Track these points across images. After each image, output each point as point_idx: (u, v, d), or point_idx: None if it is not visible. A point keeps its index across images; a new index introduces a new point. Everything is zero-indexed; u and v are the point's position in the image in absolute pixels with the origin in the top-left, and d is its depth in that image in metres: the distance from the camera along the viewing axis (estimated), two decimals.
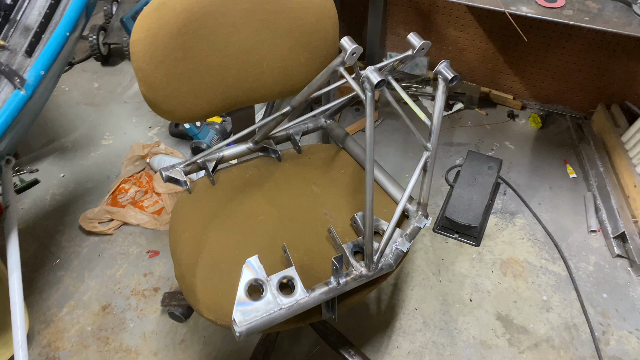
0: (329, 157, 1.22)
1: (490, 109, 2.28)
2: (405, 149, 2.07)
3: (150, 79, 0.96)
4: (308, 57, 1.09)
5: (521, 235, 1.74)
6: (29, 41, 1.16)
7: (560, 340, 1.46)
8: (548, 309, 1.54)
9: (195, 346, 1.45)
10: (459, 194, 1.73)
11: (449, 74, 0.93)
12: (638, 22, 1.24)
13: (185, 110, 1.03)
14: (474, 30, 2.14)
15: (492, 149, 2.08)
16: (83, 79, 2.52)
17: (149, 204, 1.83)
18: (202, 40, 0.98)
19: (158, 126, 2.22)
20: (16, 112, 0.89)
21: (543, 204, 1.85)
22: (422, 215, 1.03)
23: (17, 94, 0.90)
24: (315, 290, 0.88)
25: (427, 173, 0.99)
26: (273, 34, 1.04)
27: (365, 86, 0.83)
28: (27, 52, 1.14)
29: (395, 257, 0.97)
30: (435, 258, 1.67)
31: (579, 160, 2.01)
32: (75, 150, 2.10)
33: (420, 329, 1.48)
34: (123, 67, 2.61)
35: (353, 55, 0.85)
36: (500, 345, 1.45)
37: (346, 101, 1.18)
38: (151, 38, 0.92)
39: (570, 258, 1.67)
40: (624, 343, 1.46)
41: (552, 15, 1.25)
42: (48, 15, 1.20)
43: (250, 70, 1.06)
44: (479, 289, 1.59)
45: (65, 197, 1.89)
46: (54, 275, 1.62)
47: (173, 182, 1.11)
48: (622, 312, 1.53)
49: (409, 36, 0.96)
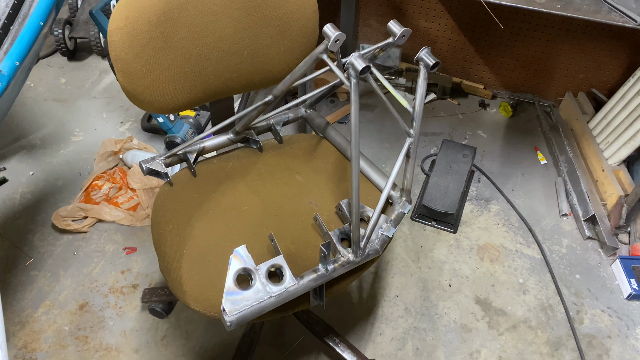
0: (311, 147, 1.22)
1: (462, 98, 2.32)
2: (381, 139, 2.09)
3: (130, 69, 0.94)
4: (288, 45, 1.09)
5: (496, 221, 1.78)
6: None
7: (537, 321, 1.50)
8: (524, 291, 1.58)
9: (177, 341, 1.43)
10: (435, 182, 1.75)
11: (430, 60, 0.94)
12: (607, 9, 1.28)
13: (165, 101, 1.02)
14: (444, 22, 2.17)
15: (465, 137, 2.12)
16: (49, 75, 2.44)
17: (123, 200, 1.80)
18: (181, 28, 0.96)
19: (130, 121, 2.17)
20: None
21: (516, 190, 1.90)
22: (406, 200, 1.05)
23: None
24: (304, 278, 0.88)
25: (409, 159, 1.01)
26: (253, 23, 1.03)
27: (350, 73, 0.84)
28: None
29: (381, 242, 0.98)
30: (414, 245, 1.70)
31: (549, 147, 2.07)
32: (44, 147, 2.04)
33: (402, 315, 1.50)
34: (90, 61, 2.54)
35: (336, 42, 0.85)
36: (480, 328, 1.48)
37: (327, 90, 1.19)
38: (130, 27, 0.90)
39: (544, 241, 1.72)
40: (597, 321, 1.51)
41: (525, 3, 1.28)
42: (16, 7, 1.16)
43: (230, 60, 1.05)
44: (457, 274, 1.62)
45: (35, 195, 1.83)
46: (27, 275, 1.57)
47: (154, 174, 1.09)
48: (594, 291, 1.59)
49: (389, 24, 0.97)
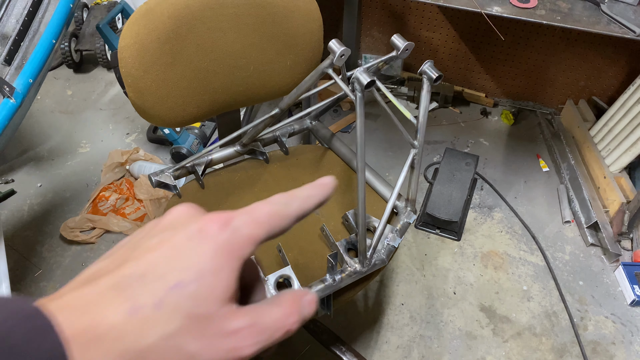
0: (316, 158, 1.24)
1: (464, 107, 2.34)
2: (384, 148, 2.11)
3: (140, 85, 0.96)
4: (294, 59, 1.11)
5: (500, 229, 1.80)
6: (7, 49, 1.14)
7: (542, 328, 1.51)
8: (529, 298, 1.59)
9: None
10: (438, 190, 1.77)
11: (433, 73, 0.96)
12: (606, 21, 1.30)
13: (174, 115, 1.04)
14: (446, 31, 2.19)
15: (468, 146, 2.14)
16: (55, 87, 2.47)
17: (130, 211, 1.82)
18: (190, 45, 0.98)
19: (136, 132, 2.20)
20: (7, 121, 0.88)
21: (519, 197, 1.91)
22: (411, 210, 1.06)
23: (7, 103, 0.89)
24: (311, 288, 0.90)
25: (414, 170, 1.03)
26: (260, 38, 1.06)
27: (355, 87, 0.86)
28: (6, 60, 1.12)
29: (387, 252, 0.99)
30: (419, 254, 1.71)
31: (550, 154, 2.09)
32: (51, 159, 2.07)
33: (407, 323, 1.52)
34: (96, 74, 2.57)
35: (342, 57, 0.87)
36: (485, 335, 1.49)
37: (331, 102, 1.21)
38: (140, 44, 0.92)
39: (547, 249, 1.73)
40: (601, 327, 1.52)
41: (526, 15, 1.31)
42: (26, 23, 1.19)
43: (237, 74, 1.08)
44: (462, 282, 1.63)
45: (43, 207, 1.86)
46: (36, 286, 1.59)
47: (163, 187, 1.11)
48: (597, 298, 1.60)
49: (393, 38, 0.99)
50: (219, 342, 0.27)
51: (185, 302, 0.27)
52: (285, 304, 0.30)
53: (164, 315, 0.26)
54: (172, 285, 0.27)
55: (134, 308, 0.26)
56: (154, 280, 0.27)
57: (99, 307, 0.26)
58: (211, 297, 0.27)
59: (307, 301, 0.31)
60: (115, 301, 0.26)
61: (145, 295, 0.26)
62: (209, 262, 0.28)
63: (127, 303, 0.26)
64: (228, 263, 0.28)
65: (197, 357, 0.27)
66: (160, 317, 0.26)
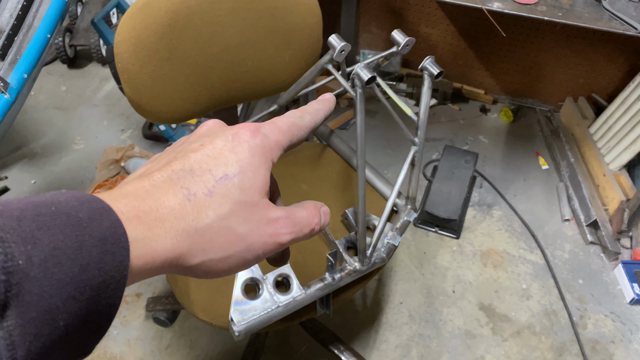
0: (315, 155, 1.23)
1: (463, 104, 2.32)
2: (383, 145, 2.09)
3: (136, 80, 0.94)
4: (293, 55, 1.09)
5: (499, 227, 1.79)
6: (1, 44, 1.12)
7: (541, 327, 1.51)
8: (528, 297, 1.58)
9: (182, 350, 1.43)
10: (437, 188, 1.76)
11: (434, 69, 0.94)
12: (608, 17, 1.29)
13: (171, 111, 1.02)
14: (445, 27, 2.18)
15: (467, 143, 2.13)
16: (49, 83, 2.45)
17: None
18: (187, 40, 0.96)
19: (131, 129, 2.17)
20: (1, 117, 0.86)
21: (518, 195, 1.90)
22: (411, 209, 1.05)
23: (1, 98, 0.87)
24: (310, 287, 0.88)
25: (415, 167, 1.01)
26: (258, 33, 1.04)
27: (355, 83, 0.84)
28: (0, 55, 1.10)
29: (387, 250, 0.98)
30: (417, 252, 1.70)
31: (550, 151, 2.08)
32: (45, 156, 2.04)
33: (406, 322, 1.51)
34: (91, 69, 2.54)
35: (342, 53, 0.86)
36: (484, 334, 1.48)
37: None
38: (136, 38, 0.90)
39: (547, 247, 1.72)
40: (600, 326, 1.52)
41: (528, 11, 1.29)
42: (20, 17, 1.16)
43: (235, 70, 1.06)
44: (461, 280, 1.62)
45: None
46: None
47: None
48: (597, 296, 1.59)
49: (393, 33, 0.97)
50: (263, 227, 0.32)
51: (233, 191, 0.31)
52: (309, 208, 0.35)
53: (216, 201, 0.30)
54: (220, 177, 0.31)
55: (189, 194, 0.30)
56: (203, 173, 0.31)
57: (156, 195, 0.29)
58: (253, 188, 0.32)
59: (324, 211, 0.36)
60: (170, 190, 0.30)
61: (197, 185, 0.30)
62: (248, 159, 0.32)
63: (182, 191, 0.30)
64: (263, 162, 0.32)
65: (245, 238, 0.31)
66: (212, 202, 0.30)
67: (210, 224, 0.30)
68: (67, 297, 0.24)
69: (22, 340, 0.22)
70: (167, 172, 0.31)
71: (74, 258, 0.24)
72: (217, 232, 0.30)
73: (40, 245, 0.23)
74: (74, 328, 0.24)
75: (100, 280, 0.25)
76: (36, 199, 0.25)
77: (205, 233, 0.30)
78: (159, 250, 0.28)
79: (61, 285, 0.23)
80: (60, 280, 0.23)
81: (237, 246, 0.31)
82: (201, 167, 0.31)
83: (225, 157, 0.31)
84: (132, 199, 0.29)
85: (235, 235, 0.31)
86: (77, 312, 0.24)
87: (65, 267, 0.24)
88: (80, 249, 0.24)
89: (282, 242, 0.33)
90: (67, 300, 0.24)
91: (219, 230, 0.30)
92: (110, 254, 0.25)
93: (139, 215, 0.28)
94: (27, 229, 0.23)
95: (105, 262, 0.25)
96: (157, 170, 0.31)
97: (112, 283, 0.26)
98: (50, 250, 0.23)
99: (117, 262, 0.26)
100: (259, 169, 0.32)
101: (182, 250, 0.29)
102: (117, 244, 0.26)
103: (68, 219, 0.25)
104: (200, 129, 0.35)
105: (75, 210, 0.25)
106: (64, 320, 0.24)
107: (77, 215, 0.25)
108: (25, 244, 0.23)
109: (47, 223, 0.24)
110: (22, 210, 0.24)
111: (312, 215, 0.35)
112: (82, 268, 0.24)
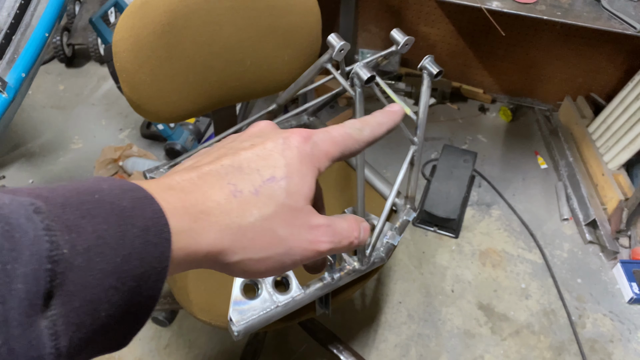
0: None
1: (462, 103, 2.32)
2: (382, 145, 2.09)
3: (134, 80, 0.94)
4: (292, 54, 1.09)
5: (498, 226, 1.79)
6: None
7: (540, 326, 1.51)
8: (527, 296, 1.58)
9: (180, 350, 1.43)
10: (436, 187, 1.76)
11: (434, 69, 0.94)
12: (607, 17, 1.29)
13: (169, 110, 1.01)
14: (444, 26, 2.18)
15: (466, 142, 2.13)
16: (47, 82, 2.44)
17: None
18: (186, 38, 0.96)
19: (129, 128, 2.17)
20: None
21: (517, 194, 1.90)
22: (411, 208, 1.05)
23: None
24: (310, 287, 0.88)
25: (414, 167, 1.01)
26: (257, 32, 1.03)
27: (354, 82, 0.84)
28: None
29: (387, 250, 0.98)
30: (416, 251, 1.70)
31: (549, 151, 2.08)
32: (43, 155, 2.04)
33: (405, 321, 1.51)
34: (89, 68, 2.54)
35: (341, 52, 0.85)
36: (483, 333, 1.48)
37: (329, 98, 1.19)
38: (135, 37, 0.90)
39: (546, 246, 1.72)
40: (599, 325, 1.52)
41: (526, 10, 1.29)
42: (18, 16, 1.16)
43: (234, 69, 1.05)
44: (460, 279, 1.62)
45: None
46: None
47: None
48: (596, 295, 1.59)
49: (392, 32, 0.97)
50: (304, 233, 0.32)
51: (279, 193, 0.31)
52: (350, 220, 0.35)
53: (261, 201, 0.30)
54: (267, 179, 0.31)
55: (235, 191, 0.30)
56: (251, 172, 0.31)
57: (203, 188, 0.29)
58: (299, 193, 0.32)
59: (364, 227, 0.36)
60: (217, 184, 0.30)
61: (245, 182, 0.30)
62: (296, 165, 0.32)
63: (229, 187, 0.30)
64: (310, 170, 0.32)
65: (285, 241, 0.31)
66: (258, 201, 0.30)
67: (253, 222, 0.30)
68: (109, 287, 0.23)
69: (65, 330, 0.22)
70: (216, 166, 0.31)
71: (116, 248, 0.24)
72: (260, 232, 0.30)
73: (85, 234, 0.23)
74: (115, 319, 0.24)
75: (142, 271, 0.25)
76: (80, 184, 0.25)
77: (248, 231, 0.30)
78: (201, 244, 0.28)
79: (104, 275, 0.23)
80: (103, 270, 0.23)
81: (277, 248, 0.31)
82: (250, 166, 0.31)
83: (274, 159, 0.32)
84: (178, 190, 0.29)
85: (276, 237, 0.31)
86: (118, 303, 0.24)
87: (109, 256, 0.24)
88: (124, 238, 0.24)
89: (321, 250, 0.33)
90: (109, 291, 0.23)
91: (261, 230, 0.30)
92: (153, 244, 0.25)
93: (186, 205, 0.28)
94: (72, 216, 0.23)
95: (147, 253, 0.25)
96: (207, 163, 0.31)
97: (153, 274, 0.25)
98: (94, 239, 0.23)
99: (159, 253, 0.26)
100: (306, 176, 0.32)
101: (223, 245, 0.29)
102: (160, 235, 0.26)
103: (111, 207, 0.25)
104: (252, 128, 0.36)
105: (118, 199, 0.25)
106: (106, 310, 0.24)
107: (121, 203, 0.25)
108: (69, 232, 0.23)
109: (91, 211, 0.24)
110: (66, 197, 0.24)
111: (352, 229, 0.35)
112: (124, 258, 0.24)
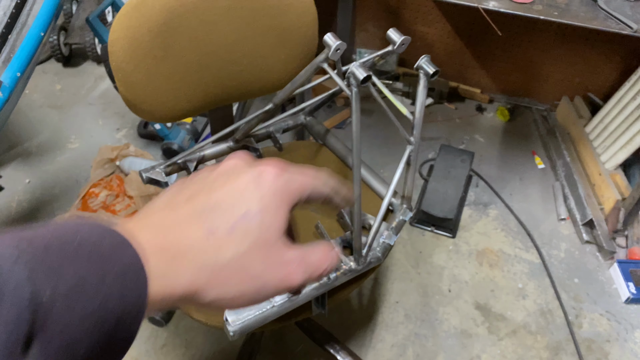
0: (311, 154, 1.22)
1: (459, 103, 2.32)
2: (379, 144, 2.09)
3: (130, 79, 0.93)
4: (288, 54, 1.09)
5: (495, 226, 1.79)
6: None
7: (537, 326, 1.51)
8: (524, 296, 1.58)
9: (177, 350, 1.42)
10: (433, 187, 1.76)
11: (430, 68, 0.94)
12: (603, 16, 1.29)
13: (166, 110, 1.01)
14: (441, 26, 2.18)
15: (463, 142, 2.13)
16: (44, 81, 2.43)
17: (121, 208, 1.79)
18: (182, 38, 0.96)
19: (126, 128, 2.17)
20: None
21: (514, 194, 1.90)
22: (407, 208, 1.05)
23: None
24: (306, 287, 0.88)
25: (410, 167, 1.01)
26: (253, 32, 1.03)
27: (351, 82, 0.84)
28: None
29: (383, 250, 0.97)
30: (414, 251, 1.70)
31: (546, 151, 2.08)
32: (40, 155, 2.03)
33: (402, 321, 1.50)
34: (86, 68, 2.53)
35: (337, 52, 0.85)
36: (480, 333, 1.48)
37: (326, 98, 1.19)
38: (131, 37, 0.90)
39: (543, 246, 1.72)
40: (595, 325, 1.52)
41: (523, 10, 1.29)
42: (14, 16, 1.16)
43: (230, 68, 1.05)
44: (457, 279, 1.62)
45: (32, 203, 1.82)
46: None
47: (154, 183, 1.09)
48: (592, 295, 1.59)
49: (389, 32, 0.97)
50: (277, 268, 0.33)
51: (254, 228, 0.31)
52: (321, 251, 0.36)
53: (237, 238, 0.31)
54: (242, 214, 0.31)
55: (211, 230, 0.31)
56: (226, 209, 0.32)
57: (179, 229, 0.30)
58: (273, 227, 0.32)
59: (333, 255, 0.37)
60: (193, 225, 0.31)
61: (220, 220, 0.31)
62: (270, 199, 0.33)
63: (204, 226, 0.31)
64: (283, 204, 0.33)
65: (259, 278, 0.32)
66: (233, 239, 0.31)
67: (229, 259, 0.31)
68: (88, 329, 0.24)
69: None
70: (192, 206, 0.32)
71: (96, 290, 0.25)
72: (235, 269, 0.31)
73: (66, 276, 0.24)
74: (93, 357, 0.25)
75: (119, 314, 0.26)
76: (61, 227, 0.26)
77: (224, 269, 0.31)
78: (177, 285, 0.29)
79: (84, 316, 0.24)
80: (83, 312, 0.24)
81: (251, 285, 0.32)
82: (225, 203, 0.32)
83: (249, 192, 0.32)
84: (154, 232, 0.30)
85: (250, 274, 0.32)
86: (96, 343, 0.25)
87: (88, 299, 0.24)
88: (102, 282, 0.25)
89: (294, 284, 0.34)
90: (88, 332, 0.24)
91: (236, 267, 0.31)
92: (130, 288, 0.26)
93: (164, 246, 0.29)
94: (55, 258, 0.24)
95: (125, 296, 0.26)
96: (183, 202, 0.32)
97: (129, 317, 0.26)
98: (75, 282, 0.24)
99: (136, 297, 0.26)
100: (279, 210, 0.33)
101: (199, 285, 0.30)
102: (136, 279, 0.27)
103: (90, 252, 0.25)
104: (227, 162, 0.36)
105: (97, 244, 0.26)
106: (85, 348, 0.24)
107: (100, 248, 0.26)
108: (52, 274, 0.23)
109: (71, 255, 0.25)
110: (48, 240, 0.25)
111: (323, 260, 0.36)
112: (103, 300, 0.25)
